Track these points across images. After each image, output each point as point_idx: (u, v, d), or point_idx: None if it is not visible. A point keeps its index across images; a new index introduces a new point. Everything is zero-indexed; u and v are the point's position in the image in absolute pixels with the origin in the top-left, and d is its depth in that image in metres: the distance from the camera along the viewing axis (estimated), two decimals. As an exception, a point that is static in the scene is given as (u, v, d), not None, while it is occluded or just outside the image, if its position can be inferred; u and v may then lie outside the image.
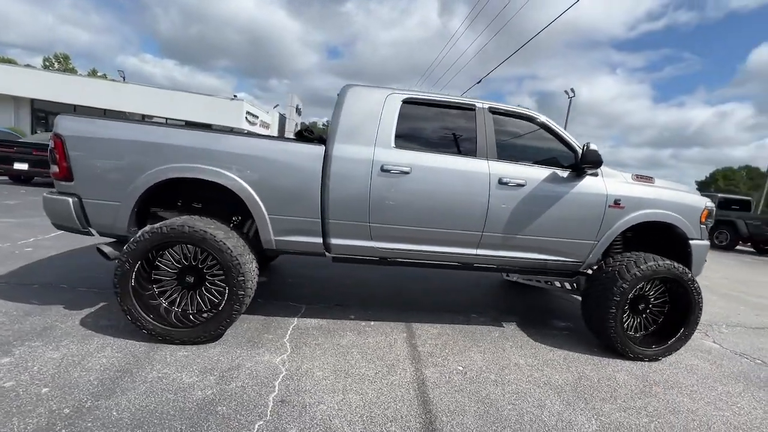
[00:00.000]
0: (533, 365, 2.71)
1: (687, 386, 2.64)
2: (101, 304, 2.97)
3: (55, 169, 2.47)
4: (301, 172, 2.61)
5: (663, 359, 3.01)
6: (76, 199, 2.45)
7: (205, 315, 2.51)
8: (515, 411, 2.15)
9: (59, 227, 2.60)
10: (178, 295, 2.55)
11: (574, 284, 3.26)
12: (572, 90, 28.44)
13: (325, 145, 2.67)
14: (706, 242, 3.21)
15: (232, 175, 2.51)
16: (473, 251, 2.88)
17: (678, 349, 3.03)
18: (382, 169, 2.64)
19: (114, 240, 2.68)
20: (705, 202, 3.15)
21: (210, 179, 2.49)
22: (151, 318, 2.41)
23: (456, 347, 2.87)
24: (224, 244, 2.40)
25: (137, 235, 2.34)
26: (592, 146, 2.68)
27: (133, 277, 2.38)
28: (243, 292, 2.46)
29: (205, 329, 2.47)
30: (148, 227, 2.36)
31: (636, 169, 4.61)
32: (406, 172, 2.66)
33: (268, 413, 1.90)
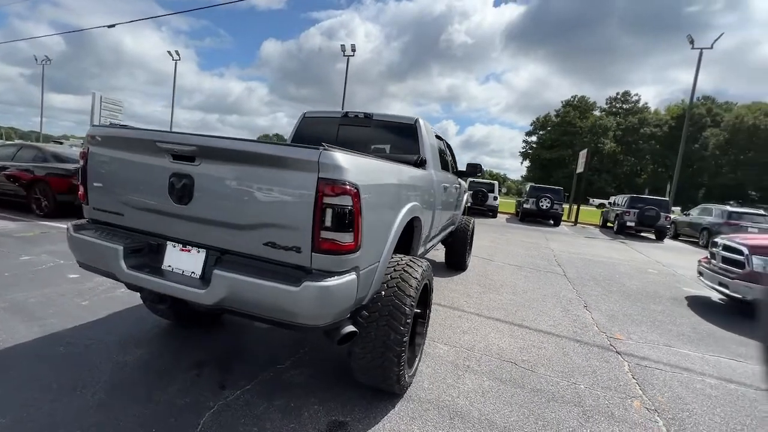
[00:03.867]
0: (481, 291, 4.78)
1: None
2: (227, 400, 1.78)
3: (343, 238, 1.43)
4: (434, 193, 3.06)
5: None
6: (355, 274, 1.59)
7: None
8: (514, 286, 4.31)
9: (307, 328, 1.47)
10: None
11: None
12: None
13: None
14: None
15: (420, 206, 2.56)
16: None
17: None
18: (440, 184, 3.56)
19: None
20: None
21: (416, 215, 2.42)
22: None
23: (462, 289, 4.49)
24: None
25: (410, 292, 2.03)
26: (480, 165, 4.94)
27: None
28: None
29: (415, 358, 2.57)
30: (412, 282, 2.09)
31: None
32: (445, 186, 3.73)
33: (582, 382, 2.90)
